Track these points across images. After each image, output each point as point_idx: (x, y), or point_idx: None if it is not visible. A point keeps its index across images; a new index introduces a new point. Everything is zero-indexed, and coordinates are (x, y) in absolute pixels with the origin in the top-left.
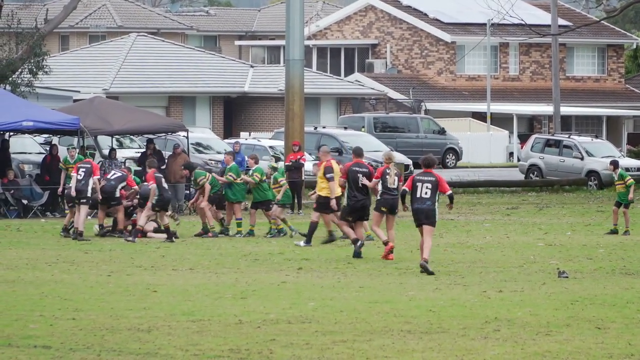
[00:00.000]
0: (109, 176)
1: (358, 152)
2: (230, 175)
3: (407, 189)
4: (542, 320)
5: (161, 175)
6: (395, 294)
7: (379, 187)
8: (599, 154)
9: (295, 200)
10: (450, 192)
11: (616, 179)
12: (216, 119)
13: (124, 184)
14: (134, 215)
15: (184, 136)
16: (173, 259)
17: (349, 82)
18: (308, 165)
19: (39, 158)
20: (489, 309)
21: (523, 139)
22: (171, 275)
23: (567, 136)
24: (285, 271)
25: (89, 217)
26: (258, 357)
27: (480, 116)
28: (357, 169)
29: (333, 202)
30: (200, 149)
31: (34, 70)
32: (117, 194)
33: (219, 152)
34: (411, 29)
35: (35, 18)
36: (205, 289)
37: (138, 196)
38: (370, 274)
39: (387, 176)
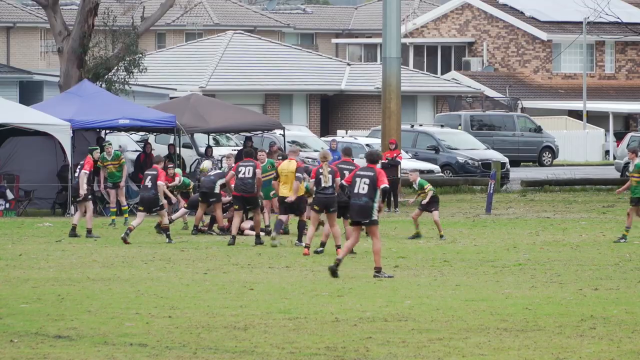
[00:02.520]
0: (209, 173)
1: (347, 152)
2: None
3: (345, 183)
4: (638, 318)
5: None
6: (491, 292)
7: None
8: None
9: (392, 199)
10: (383, 185)
11: (631, 170)
12: (313, 116)
13: (223, 180)
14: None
15: (280, 134)
16: (269, 257)
17: (445, 80)
18: (405, 164)
19: (135, 156)
20: (585, 306)
21: (619, 137)
22: (267, 273)
23: None
24: (384, 269)
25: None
26: (354, 355)
27: (576, 114)
28: (344, 166)
29: (290, 199)
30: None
31: (130, 68)
32: (217, 190)
33: (315, 150)
34: (507, 27)
35: (132, 16)
36: (301, 286)
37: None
38: (466, 272)
39: (321, 176)
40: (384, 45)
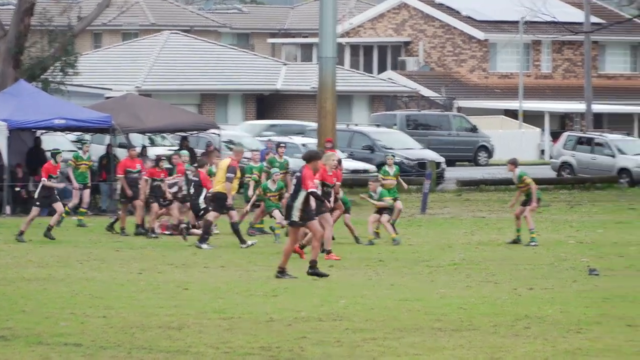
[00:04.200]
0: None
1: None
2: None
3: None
4: (573, 317)
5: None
6: (426, 291)
7: None
8: (631, 151)
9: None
10: (309, 190)
11: None
12: (249, 116)
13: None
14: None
15: (216, 134)
16: (204, 257)
17: (381, 79)
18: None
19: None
20: (520, 306)
21: (555, 136)
22: (202, 273)
23: (599, 134)
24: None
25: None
26: (289, 355)
27: (512, 114)
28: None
29: (230, 200)
30: (232, 146)
31: (65, 69)
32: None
33: (251, 150)
34: (444, 26)
35: (69, 16)
36: (236, 286)
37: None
38: (401, 271)
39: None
40: (319, 44)
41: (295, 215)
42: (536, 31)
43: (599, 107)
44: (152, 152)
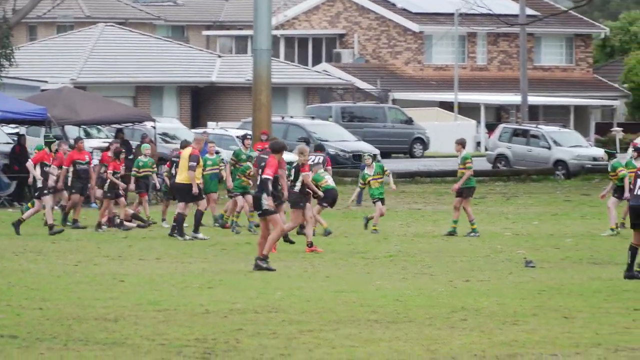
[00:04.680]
0: None
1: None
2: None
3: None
4: (509, 309)
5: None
6: (362, 283)
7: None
8: (567, 143)
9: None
10: (264, 176)
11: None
12: (183, 109)
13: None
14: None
15: (151, 126)
16: (140, 249)
17: (316, 72)
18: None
19: (7, 148)
20: (456, 298)
21: (490, 128)
22: (138, 265)
23: (534, 126)
24: (252, 260)
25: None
26: (224, 347)
27: (447, 106)
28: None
29: (195, 189)
30: (167, 138)
31: (1, 61)
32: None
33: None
34: (379, 18)
35: (3, 8)
36: (172, 278)
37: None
38: (337, 263)
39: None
40: (254, 37)
41: (265, 205)
42: (471, 23)
43: (534, 99)
44: (88, 144)
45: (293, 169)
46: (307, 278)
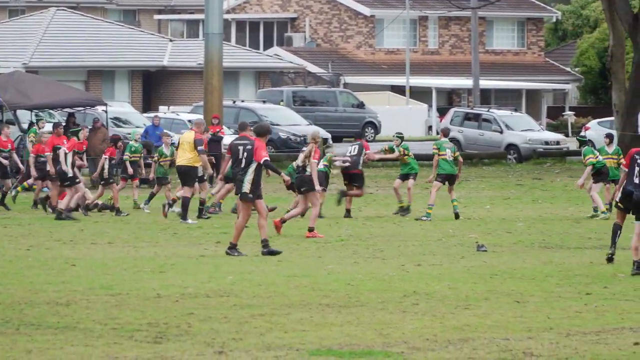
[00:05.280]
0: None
1: (242, 127)
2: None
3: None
4: (461, 294)
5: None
6: (314, 267)
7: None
8: (518, 127)
9: (215, 174)
10: (262, 160)
11: (610, 152)
12: (135, 93)
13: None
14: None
15: (103, 110)
16: (92, 233)
17: (267, 56)
18: (228, 139)
19: None
20: (408, 282)
21: (442, 112)
22: (90, 249)
23: (486, 110)
24: (204, 245)
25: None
26: (176, 331)
27: (399, 90)
28: (238, 142)
29: (201, 172)
30: (119, 123)
31: None
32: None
33: (137, 127)
34: (330, 2)
35: None
36: (124, 262)
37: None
38: (288, 247)
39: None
40: (205, 21)
41: (246, 188)
42: (423, 7)
43: (486, 83)
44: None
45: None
46: (259, 262)
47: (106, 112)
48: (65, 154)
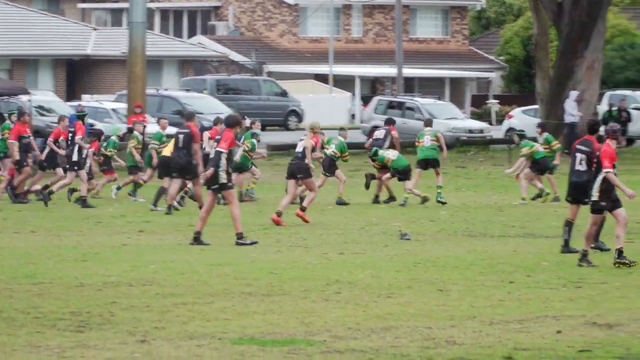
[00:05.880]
0: None
1: (188, 117)
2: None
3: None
4: (384, 282)
5: None
6: (237, 256)
7: None
8: (442, 115)
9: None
10: (218, 149)
11: (541, 142)
12: (59, 82)
13: None
14: None
15: (27, 99)
16: (15, 222)
17: (191, 44)
18: (150, 128)
19: None
20: (331, 271)
21: (366, 100)
22: (13, 238)
23: (410, 98)
24: (126, 234)
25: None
26: (99, 320)
27: (323, 78)
28: (180, 130)
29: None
30: (43, 111)
31: None
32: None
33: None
34: None
35: None
36: (47, 251)
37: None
38: (211, 236)
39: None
40: (129, 9)
41: (223, 178)
42: None
43: (409, 72)
44: None
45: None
46: (181, 251)
47: (30, 101)
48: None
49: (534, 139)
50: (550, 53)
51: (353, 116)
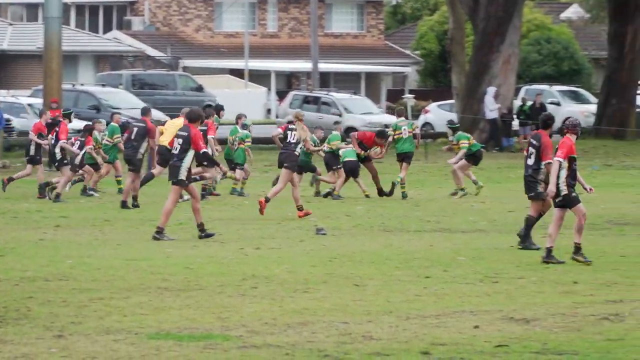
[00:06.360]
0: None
1: (144, 111)
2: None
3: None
4: (300, 277)
5: None
6: (153, 251)
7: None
8: (358, 110)
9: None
10: (202, 151)
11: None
12: None
13: None
14: None
15: None
16: None
17: (107, 39)
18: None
19: None
20: (247, 266)
21: (281, 96)
22: None
23: (325, 93)
24: (43, 229)
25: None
26: (15, 315)
27: (238, 73)
28: (135, 124)
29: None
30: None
31: None
32: None
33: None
34: None
35: None
36: None
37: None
38: (127, 231)
39: (289, 131)
40: (45, 5)
41: (183, 175)
42: None
43: (325, 66)
44: None
45: (289, 132)
46: (98, 246)
47: None
48: None
49: (446, 134)
50: (466, 48)
51: (269, 111)
